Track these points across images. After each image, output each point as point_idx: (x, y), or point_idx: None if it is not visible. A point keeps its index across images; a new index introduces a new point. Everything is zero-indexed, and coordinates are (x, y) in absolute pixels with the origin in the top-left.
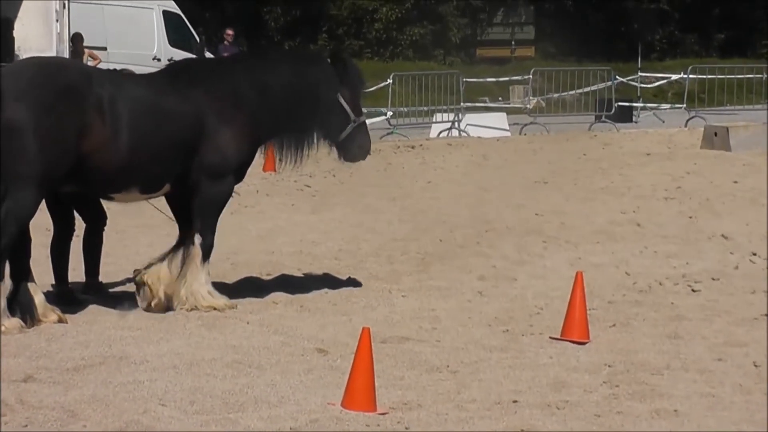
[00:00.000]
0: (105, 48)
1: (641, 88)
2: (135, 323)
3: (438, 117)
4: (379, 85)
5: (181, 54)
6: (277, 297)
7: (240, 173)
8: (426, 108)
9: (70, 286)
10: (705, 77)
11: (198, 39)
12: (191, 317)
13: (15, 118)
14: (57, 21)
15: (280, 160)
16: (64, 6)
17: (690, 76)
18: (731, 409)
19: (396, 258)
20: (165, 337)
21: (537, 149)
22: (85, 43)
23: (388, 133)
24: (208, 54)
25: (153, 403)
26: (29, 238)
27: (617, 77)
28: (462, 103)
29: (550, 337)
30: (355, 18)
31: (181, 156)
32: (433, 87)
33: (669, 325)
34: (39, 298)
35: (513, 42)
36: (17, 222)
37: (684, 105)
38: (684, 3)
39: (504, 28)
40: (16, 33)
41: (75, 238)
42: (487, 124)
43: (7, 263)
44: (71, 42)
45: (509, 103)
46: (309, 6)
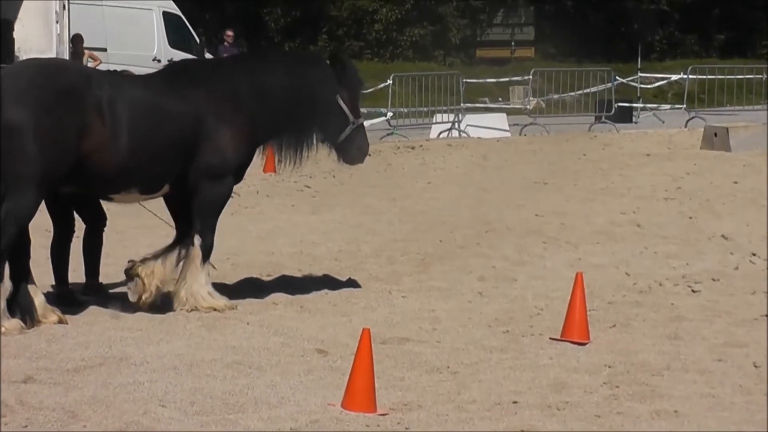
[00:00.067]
0: (105, 49)
1: (641, 88)
2: (135, 324)
3: (438, 118)
4: (379, 86)
5: (181, 55)
6: (277, 298)
7: (239, 174)
8: (426, 109)
9: (70, 287)
10: (705, 78)
11: (198, 40)
12: (191, 318)
13: (15, 119)
14: (57, 22)
15: (279, 161)
16: (64, 7)
17: (690, 76)
18: (731, 410)
19: (396, 259)
20: (165, 338)
21: (537, 150)
22: (85, 44)
23: (388, 134)
24: (208, 55)
25: (153, 404)
26: (29, 239)
27: (617, 78)
28: (462, 104)
29: (550, 338)
30: (355, 19)
31: (181, 157)
32: (433, 88)
33: (669, 326)
34: (39, 299)
35: (513, 43)
36: (17, 223)
37: (684, 105)
38: (684, 3)
39: (504, 28)
40: (16, 34)
41: (75, 239)
42: (487, 124)
43: (7, 264)
44: (71, 43)
45: (509, 104)
46: (309, 7)
